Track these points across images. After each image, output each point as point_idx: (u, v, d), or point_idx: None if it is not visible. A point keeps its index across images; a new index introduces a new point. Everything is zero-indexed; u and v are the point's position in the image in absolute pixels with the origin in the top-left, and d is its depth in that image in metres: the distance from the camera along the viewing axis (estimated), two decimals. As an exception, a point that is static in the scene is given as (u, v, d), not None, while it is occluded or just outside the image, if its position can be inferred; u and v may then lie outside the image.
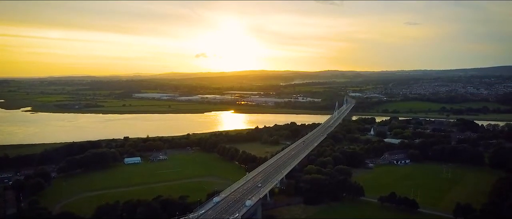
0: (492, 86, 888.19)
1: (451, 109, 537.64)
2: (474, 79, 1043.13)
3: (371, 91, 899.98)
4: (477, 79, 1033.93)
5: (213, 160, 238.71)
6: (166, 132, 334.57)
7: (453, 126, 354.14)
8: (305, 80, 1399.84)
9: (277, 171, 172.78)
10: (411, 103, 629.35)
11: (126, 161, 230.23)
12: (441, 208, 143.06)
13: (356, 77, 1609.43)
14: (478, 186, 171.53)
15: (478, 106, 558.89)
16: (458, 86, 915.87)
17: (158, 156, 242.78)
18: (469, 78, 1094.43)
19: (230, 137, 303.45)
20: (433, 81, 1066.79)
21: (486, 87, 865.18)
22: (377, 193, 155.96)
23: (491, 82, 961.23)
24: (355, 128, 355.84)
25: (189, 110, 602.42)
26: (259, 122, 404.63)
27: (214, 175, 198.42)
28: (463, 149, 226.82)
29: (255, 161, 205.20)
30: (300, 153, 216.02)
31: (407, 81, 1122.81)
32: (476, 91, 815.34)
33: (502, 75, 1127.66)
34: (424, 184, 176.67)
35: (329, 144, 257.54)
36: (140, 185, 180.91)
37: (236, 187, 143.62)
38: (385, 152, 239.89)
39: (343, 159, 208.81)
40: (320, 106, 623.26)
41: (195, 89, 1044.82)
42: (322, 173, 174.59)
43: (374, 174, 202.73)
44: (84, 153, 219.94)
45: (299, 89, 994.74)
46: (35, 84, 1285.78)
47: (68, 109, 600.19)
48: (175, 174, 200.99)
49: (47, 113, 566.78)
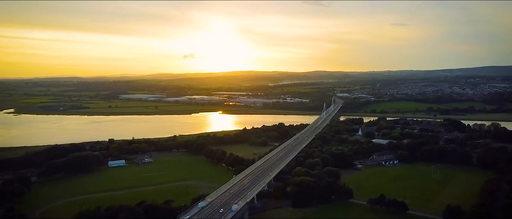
0: (477, 86, 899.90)
1: (438, 109, 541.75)
2: (460, 79, 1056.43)
3: (359, 92, 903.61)
4: (463, 79, 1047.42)
5: (200, 162, 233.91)
6: (152, 134, 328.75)
7: (441, 126, 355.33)
8: (294, 80, 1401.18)
9: (265, 174, 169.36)
10: (398, 103, 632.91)
11: (110, 164, 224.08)
12: (431, 210, 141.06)
13: (344, 77, 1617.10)
14: (467, 187, 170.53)
15: (464, 106, 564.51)
16: (444, 86, 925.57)
17: (143, 159, 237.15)
18: (455, 78, 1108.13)
19: (217, 138, 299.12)
20: (420, 81, 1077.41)
21: (472, 87, 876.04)
22: (366, 195, 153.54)
23: (476, 82, 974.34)
24: (343, 128, 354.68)
25: (176, 111, 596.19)
26: (247, 123, 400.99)
27: (200, 178, 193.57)
28: (452, 149, 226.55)
29: (243, 163, 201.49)
30: (288, 154, 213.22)
31: (394, 81, 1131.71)
32: (462, 91, 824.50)
33: (487, 75, 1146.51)
34: (413, 186, 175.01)
35: (318, 145, 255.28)
36: (124, 190, 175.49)
37: (223, 191, 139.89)
38: (374, 153, 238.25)
39: (331, 161, 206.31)
40: (308, 106, 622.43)
41: (183, 90, 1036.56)
42: (311, 175, 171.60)
43: (362, 175, 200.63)
44: (67, 157, 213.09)
45: (287, 90, 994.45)
46: (19, 85, 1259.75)
47: (52, 111, 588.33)
48: (161, 178, 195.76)
49: (31, 115, 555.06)
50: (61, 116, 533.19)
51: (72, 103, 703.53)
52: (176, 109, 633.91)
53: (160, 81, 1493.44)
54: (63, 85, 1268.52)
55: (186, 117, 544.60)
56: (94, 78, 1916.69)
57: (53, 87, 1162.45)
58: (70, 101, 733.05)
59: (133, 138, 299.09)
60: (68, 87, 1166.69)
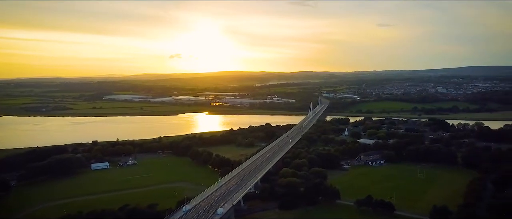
0: (460, 86, 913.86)
1: (423, 109, 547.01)
2: (444, 79, 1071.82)
3: (344, 92, 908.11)
4: (446, 79, 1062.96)
5: (185, 164, 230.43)
6: (137, 136, 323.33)
7: (426, 126, 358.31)
8: (280, 81, 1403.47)
9: (252, 175, 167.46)
10: (384, 103, 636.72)
11: (93, 167, 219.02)
12: (417, 210, 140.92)
13: (330, 77, 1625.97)
14: (452, 187, 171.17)
15: (448, 105, 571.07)
16: (428, 86, 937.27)
17: (128, 161, 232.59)
18: (438, 78, 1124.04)
19: (203, 140, 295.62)
20: (405, 81, 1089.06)
21: (455, 87, 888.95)
22: (353, 196, 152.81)
23: (459, 82, 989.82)
24: (330, 129, 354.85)
25: (162, 112, 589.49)
26: (234, 124, 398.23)
27: (186, 180, 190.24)
28: (437, 149, 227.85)
29: (229, 164, 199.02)
30: (275, 155, 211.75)
31: (380, 81, 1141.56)
32: (445, 91, 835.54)
33: (470, 75, 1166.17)
34: (399, 186, 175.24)
35: (304, 146, 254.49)
36: (107, 193, 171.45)
37: (208, 193, 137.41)
38: (360, 153, 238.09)
39: (318, 161, 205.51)
40: (295, 106, 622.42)
41: (169, 90, 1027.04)
42: (298, 176, 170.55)
43: (349, 176, 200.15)
44: (48, 159, 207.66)
45: (274, 90, 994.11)
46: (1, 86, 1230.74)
47: (34, 112, 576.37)
48: (145, 180, 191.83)
49: (12, 116, 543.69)
50: (43, 118, 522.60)
51: (55, 104, 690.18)
52: (162, 109, 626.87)
53: (146, 81, 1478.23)
54: (46, 86, 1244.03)
55: (172, 117, 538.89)
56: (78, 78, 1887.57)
57: (36, 88, 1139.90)
58: (53, 102, 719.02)
59: (117, 139, 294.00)
60: (52, 88, 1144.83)
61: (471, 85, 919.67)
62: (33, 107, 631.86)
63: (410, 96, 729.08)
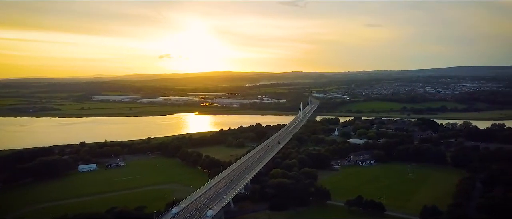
0: (448, 85, 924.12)
1: (412, 109, 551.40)
2: (432, 79, 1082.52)
3: (334, 92, 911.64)
4: (434, 79, 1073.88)
5: (174, 165, 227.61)
6: (126, 136, 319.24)
7: (415, 126, 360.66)
8: (271, 81, 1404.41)
9: (242, 176, 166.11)
10: (373, 103, 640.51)
11: (80, 169, 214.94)
12: (407, 210, 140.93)
13: (320, 78, 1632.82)
14: (442, 187, 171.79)
15: (437, 105, 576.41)
16: (417, 86, 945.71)
17: (116, 163, 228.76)
18: (427, 78, 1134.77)
19: (193, 140, 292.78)
20: (394, 81, 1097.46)
21: (443, 87, 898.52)
22: (344, 196, 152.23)
23: (447, 82, 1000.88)
24: (320, 129, 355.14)
25: (151, 113, 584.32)
26: (224, 124, 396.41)
27: (175, 182, 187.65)
28: (426, 148, 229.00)
29: (219, 165, 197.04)
30: (266, 156, 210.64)
31: (369, 81, 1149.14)
32: (434, 90, 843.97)
33: (457, 75, 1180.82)
34: (390, 186, 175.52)
35: (295, 146, 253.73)
36: (95, 195, 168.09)
37: (198, 195, 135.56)
38: (350, 153, 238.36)
39: (308, 161, 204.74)
40: (285, 107, 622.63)
41: (159, 90, 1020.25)
42: (288, 176, 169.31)
43: (340, 176, 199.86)
44: (34, 161, 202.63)
45: (264, 90, 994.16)
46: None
47: (21, 113, 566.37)
48: (133, 182, 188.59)
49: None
50: (30, 119, 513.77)
51: (42, 104, 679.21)
52: (151, 110, 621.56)
53: (135, 81, 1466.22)
54: (33, 86, 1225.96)
55: (161, 118, 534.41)
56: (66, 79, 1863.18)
57: (22, 88, 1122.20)
58: (41, 103, 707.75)
59: (105, 141, 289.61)
60: (39, 88, 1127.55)
61: (458, 85, 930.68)
62: (20, 108, 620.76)
63: (399, 96, 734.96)
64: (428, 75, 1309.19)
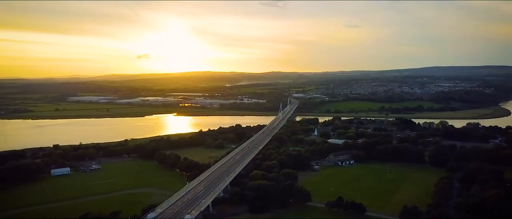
0: (424, 85, 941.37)
1: (390, 108, 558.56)
2: (408, 79, 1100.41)
3: (313, 92, 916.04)
4: (411, 79, 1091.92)
5: (152, 168, 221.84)
6: (102, 139, 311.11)
7: (393, 125, 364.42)
8: (251, 81, 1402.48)
9: (221, 179, 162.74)
10: (352, 103, 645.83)
11: (53, 173, 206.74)
12: (388, 211, 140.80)
13: (299, 78, 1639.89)
14: (421, 186, 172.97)
15: (414, 105, 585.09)
16: (394, 86, 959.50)
17: (91, 166, 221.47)
18: (404, 78, 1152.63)
19: (171, 142, 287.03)
20: (372, 81, 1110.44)
21: (420, 87, 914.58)
22: (324, 197, 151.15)
23: (423, 82, 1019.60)
24: (300, 129, 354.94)
25: (128, 114, 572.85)
26: (203, 125, 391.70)
27: (152, 185, 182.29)
28: (405, 148, 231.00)
29: (198, 168, 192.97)
30: (246, 157, 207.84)
31: (347, 81, 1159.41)
32: (411, 90, 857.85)
33: (433, 75, 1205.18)
34: (369, 186, 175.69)
35: (275, 147, 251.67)
36: (68, 200, 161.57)
37: (175, 199, 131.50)
38: (330, 153, 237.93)
39: (289, 162, 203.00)
40: (265, 107, 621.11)
41: (137, 91, 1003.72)
42: (268, 178, 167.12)
43: (320, 176, 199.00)
44: (5, 165, 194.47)
45: (244, 90, 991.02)
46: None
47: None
48: (109, 186, 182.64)
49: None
50: (2, 121, 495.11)
51: (15, 106, 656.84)
52: (129, 111, 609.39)
53: (113, 82, 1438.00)
54: (6, 87, 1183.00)
55: (139, 119, 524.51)
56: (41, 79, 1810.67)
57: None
58: (14, 104, 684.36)
59: (80, 143, 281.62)
60: (12, 89, 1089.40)
61: (434, 84, 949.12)
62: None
63: (377, 96, 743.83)
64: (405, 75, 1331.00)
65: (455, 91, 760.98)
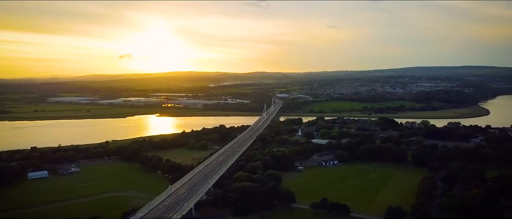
0: (406, 85, 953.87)
1: (372, 108, 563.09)
2: (390, 79, 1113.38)
3: (297, 92, 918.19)
4: (393, 79, 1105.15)
5: (133, 170, 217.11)
6: (82, 140, 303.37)
7: (376, 125, 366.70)
8: (235, 81, 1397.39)
9: (204, 181, 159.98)
10: (335, 103, 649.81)
11: (30, 176, 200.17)
12: (372, 211, 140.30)
13: (283, 78, 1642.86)
14: (405, 186, 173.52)
15: (396, 104, 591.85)
16: (376, 86, 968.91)
17: (70, 169, 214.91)
18: (386, 78, 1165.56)
19: (154, 143, 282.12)
20: (354, 81, 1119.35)
21: (401, 87, 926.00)
22: (308, 198, 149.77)
23: (405, 82, 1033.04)
24: (284, 129, 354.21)
25: (110, 115, 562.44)
26: (186, 126, 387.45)
27: (133, 188, 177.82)
28: (388, 148, 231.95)
29: (180, 170, 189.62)
30: (229, 158, 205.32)
31: (330, 81, 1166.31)
32: (393, 90, 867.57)
33: (414, 75, 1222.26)
34: (354, 186, 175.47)
35: (259, 147, 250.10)
36: (45, 205, 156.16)
37: (157, 203, 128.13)
38: (314, 154, 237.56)
39: (273, 163, 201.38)
40: (249, 107, 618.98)
41: (119, 91, 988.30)
42: (252, 180, 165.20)
43: (304, 177, 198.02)
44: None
45: (228, 91, 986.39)
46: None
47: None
48: (88, 189, 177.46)
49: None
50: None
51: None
52: (110, 112, 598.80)
53: (94, 82, 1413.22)
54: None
55: (120, 120, 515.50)
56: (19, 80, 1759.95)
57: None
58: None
59: (59, 145, 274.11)
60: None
61: (415, 84, 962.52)
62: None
63: (360, 96, 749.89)
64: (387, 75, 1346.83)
65: (436, 91, 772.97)
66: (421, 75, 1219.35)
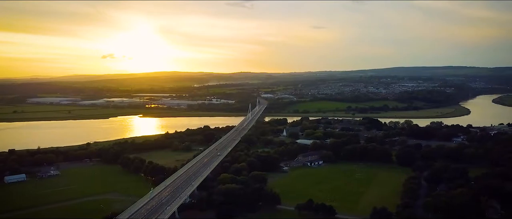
0: (389, 85, 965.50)
1: (356, 108, 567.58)
2: (373, 79, 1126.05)
3: (282, 92, 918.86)
4: (376, 79, 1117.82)
5: (115, 173, 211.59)
6: (62, 142, 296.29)
7: (360, 125, 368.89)
8: (220, 81, 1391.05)
9: (188, 183, 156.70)
10: (319, 103, 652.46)
11: (6, 180, 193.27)
12: (357, 212, 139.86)
13: (268, 78, 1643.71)
14: (389, 186, 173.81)
15: (379, 104, 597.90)
16: (360, 86, 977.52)
17: (49, 172, 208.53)
18: (369, 78, 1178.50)
19: (136, 145, 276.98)
20: (338, 81, 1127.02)
21: (385, 87, 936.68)
22: (293, 200, 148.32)
23: (388, 82, 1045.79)
24: (269, 129, 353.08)
25: (92, 116, 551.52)
26: (170, 127, 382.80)
27: (115, 191, 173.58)
28: (373, 148, 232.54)
29: (164, 172, 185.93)
30: (214, 160, 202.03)
31: (314, 82, 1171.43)
32: (376, 90, 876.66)
33: (397, 75, 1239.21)
34: (339, 187, 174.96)
35: (243, 148, 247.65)
36: (23, 210, 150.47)
37: (139, 206, 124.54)
38: (299, 154, 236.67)
39: (258, 164, 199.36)
40: (234, 107, 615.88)
41: (101, 92, 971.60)
42: (237, 181, 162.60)
43: (289, 178, 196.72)
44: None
45: (213, 91, 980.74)
46: None
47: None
48: (68, 193, 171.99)
49: None
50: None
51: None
52: (92, 113, 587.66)
53: (76, 83, 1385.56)
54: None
55: (103, 121, 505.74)
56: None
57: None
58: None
59: (38, 147, 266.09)
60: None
61: (398, 84, 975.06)
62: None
63: (344, 96, 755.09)
64: (370, 75, 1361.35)
65: (418, 91, 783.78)
66: (404, 75, 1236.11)
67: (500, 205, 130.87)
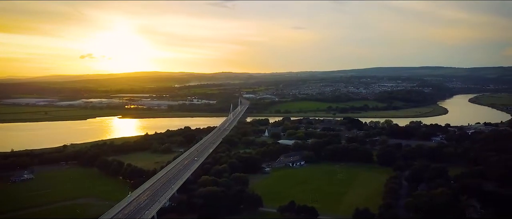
0: (369, 85, 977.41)
1: (337, 108, 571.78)
2: (354, 79, 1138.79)
3: (263, 92, 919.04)
4: (356, 79, 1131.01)
5: (92, 176, 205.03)
6: (37, 145, 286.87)
7: (341, 125, 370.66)
8: (201, 82, 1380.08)
9: (167, 186, 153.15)
10: (301, 103, 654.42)
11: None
12: (340, 213, 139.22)
13: (249, 78, 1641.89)
14: (371, 186, 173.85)
15: (360, 104, 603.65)
16: (340, 86, 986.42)
17: (22, 175, 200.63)
18: (349, 79, 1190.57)
19: (115, 147, 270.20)
20: (319, 81, 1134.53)
21: (365, 87, 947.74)
22: (276, 201, 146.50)
23: (367, 82, 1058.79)
24: (250, 130, 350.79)
25: (69, 117, 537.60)
26: (150, 128, 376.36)
27: (92, 195, 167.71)
28: (354, 148, 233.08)
29: (143, 175, 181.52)
30: (194, 162, 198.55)
31: (295, 82, 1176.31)
32: (356, 90, 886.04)
33: (376, 75, 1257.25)
34: (321, 188, 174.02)
35: (225, 149, 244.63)
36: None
37: (117, 211, 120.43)
38: (281, 155, 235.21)
39: (239, 166, 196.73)
40: (216, 108, 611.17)
41: (80, 92, 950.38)
42: (218, 184, 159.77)
43: (271, 179, 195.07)
44: None
45: (194, 91, 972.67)
46: None
47: None
48: (42, 197, 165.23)
49: None
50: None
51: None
52: (70, 114, 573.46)
53: (53, 83, 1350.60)
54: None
55: (80, 123, 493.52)
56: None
57: None
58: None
59: (12, 150, 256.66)
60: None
61: (378, 84, 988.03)
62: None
63: (325, 96, 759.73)
64: (350, 76, 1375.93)
65: (397, 91, 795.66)
66: (383, 75, 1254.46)
67: (479, 204, 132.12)
